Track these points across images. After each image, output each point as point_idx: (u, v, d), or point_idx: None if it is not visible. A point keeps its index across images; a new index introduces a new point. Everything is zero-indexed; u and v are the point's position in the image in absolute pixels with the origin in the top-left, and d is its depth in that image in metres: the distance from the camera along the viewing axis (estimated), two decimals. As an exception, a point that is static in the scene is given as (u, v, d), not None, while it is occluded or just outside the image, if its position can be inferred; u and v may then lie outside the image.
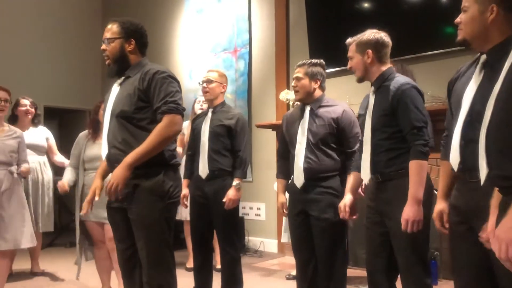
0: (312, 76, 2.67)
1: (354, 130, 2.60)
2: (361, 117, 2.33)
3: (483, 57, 1.72)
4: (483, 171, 1.38)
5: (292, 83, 2.71)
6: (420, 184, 2.06)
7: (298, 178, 2.63)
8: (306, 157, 2.60)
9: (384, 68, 2.24)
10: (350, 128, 2.60)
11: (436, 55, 4.19)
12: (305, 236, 2.66)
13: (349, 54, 2.30)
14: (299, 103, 2.83)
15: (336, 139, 2.61)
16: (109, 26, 2.29)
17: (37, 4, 6.89)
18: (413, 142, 2.08)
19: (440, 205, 1.89)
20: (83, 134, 3.51)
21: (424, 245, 2.17)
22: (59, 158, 4.42)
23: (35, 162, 4.22)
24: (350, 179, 2.47)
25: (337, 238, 2.60)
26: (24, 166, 3.32)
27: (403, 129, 2.12)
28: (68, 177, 3.39)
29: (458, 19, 1.72)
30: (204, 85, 3.28)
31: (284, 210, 2.84)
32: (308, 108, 2.67)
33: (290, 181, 2.78)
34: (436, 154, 2.16)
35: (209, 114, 3.29)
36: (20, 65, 6.57)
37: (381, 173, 2.18)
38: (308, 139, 2.61)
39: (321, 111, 2.65)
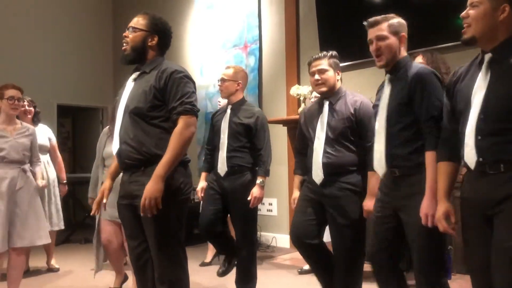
0: (336, 67, 2.61)
1: (372, 123, 2.46)
2: (375, 108, 2.24)
3: (488, 56, 1.71)
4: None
5: (315, 76, 2.60)
6: (434, 176, 1.97)
7: (317, 174, 2.57)
8: (325, 152, 2.54)
9: (403, 55, 2.15)
10: (368, 120, 2.51)
11: (448, 47, 4.14)
12: (307, 214, 2.61)
13: (380, 33, 2.11)
14: (315, 98, 2.77)
15: (355, 133, 2.54)
16: (138, 17, 2.29)
17: (49, 3, 6.95)
18: (429, 132, 1.98)
19: (444, 206, 1.85)
20: (105, 130, 3.55)
21: (440, 242, 2.10)
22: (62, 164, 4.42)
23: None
24: (373, 180, 2.37)
25: (355, 235, 2.55)
26: (41, 182, 3.40)
27: (419, 117, 2.02)
28: (92, 188, 3.51)
29: (465, 14, 1.70)
30: (219, 83, 3.30)
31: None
32: (327, 103, 2.62)
33: (308, 176, 2.70)
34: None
35: (228, 111, 3.28)
36: (33, 64, 6.64)
37: (399, 167, 2.10)
38: (327, 134, 2.56)
39: (340, 104, 2.59)
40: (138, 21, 2.27)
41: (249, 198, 3.11)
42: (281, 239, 5.41)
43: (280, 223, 5.45)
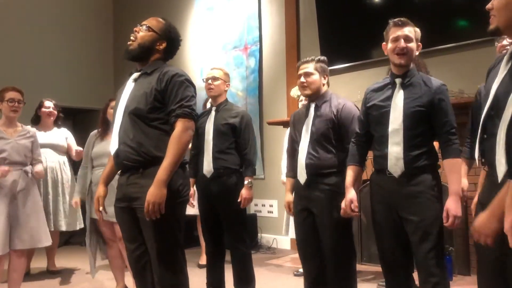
0: (322, 72, 2.67)
1: (353, 125, 2.54)
2: (381, 108, 2.28)
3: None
4: (501, 167, 1.34)
5: (301, 79, 2.67)
6: (461, 180, 2.18)
7: (301, 174, 2.63)
8: (308, 153, 2.60)
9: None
10: (349, 122, 2.57)
11: (449, 48, 4.15)
12: (309, 232, 2.65)
13: (409, 34, 2.22)
14: (305, 103, 2.82)
15: (336, 135, 2.59)
16: (155, 19, 2.31)
17: (49, 5, 6.96)
18: (452, 141, 2.17)
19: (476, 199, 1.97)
20: (93, 133, 3.58)
21: (441, 240, 2.19)
22: (77, 151, 4.40)
23: (55, 162, 4.29)
24: (350, 173, 2.40)
25: (341, 235, 2.57)
26: (37, 167, 3.35)
27: (442, 127, 2.18)
28: (78, 190, 3.56)
29: (489, 5, 1.65)
30: (209, 81, 3.29)
31: (290, 209, 2.83)
32: (313, 105, 2.68)
33: (295, 179, 2.76)
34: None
35: (213, 112, 3.29)
36: (34, 67, 6.64)
37: (409, 168, 2.19)
38: (311, 136, 2.61)
39: (324, 106, 2.64)
40: (154, 23, 2.29)
41: (239, 200, 3.12)
42: (281, 240, 5.41)
43: (281, 225, 5.42)
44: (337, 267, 2.58)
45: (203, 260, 4.47)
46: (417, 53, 2.25)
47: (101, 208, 2.32)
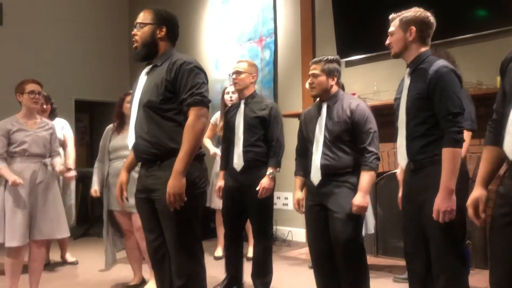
0: (329, 73, 2.64)
1: (367, 126, 2.57)
2: (397, 100, 2.28)
3: None
4: None
5: (308, 80, 2.69)
6: (453, 173, 1.99)
7: (316, 176, 2.62)
8: (323, 154, 2.59)
9: (423, 49, 2.18)
10: (363, 123, 2.57)
11: (467, 39, 4.08)
12: (321, 228, 2.64)
13: (390, 29, 2.22)
14: (317, 100, 2.81)
15: (351, 135, 2.60)
16: (143, 12, 2.31)
17: (65, 0, 7.02)
18: (447, 129, 2.01)
19: (478, 192, 1.79)
20: (109, 127, 3.62)
21: (459, 236, 2.10)
22: (70, 152, 4.33)
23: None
24: (365, 178, 2.52)
25: (353, 229, 2.57)
26: (57, 162, 3.39)
27: (438, 114, 2.04)
28: (96, 180, 3.55)
29: None
30: (234, 76, 3.30)
31: (300, 207, 2.84)
32: (325, 106, 2.66)
33: (308, 177, 2.74)
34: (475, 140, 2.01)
35: (242, 106, 3.30)
36: (51, 60, 6.73)
37: (414, 161, 2.14)
38: (325, 136, 2.61)
39: (337, 107, 2.63)
40: (144, 16, 2.29)
41: (257, 188, 3.12)
42: (296, 233, 5.41)
43: (296, 217, 5.45)
44: (350, 262, 2.58)
45: (219, 252, 4.51)
46: (410, 39, 2.16)
47: (125, 194, 2.34)
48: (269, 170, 3.17)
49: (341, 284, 2.64)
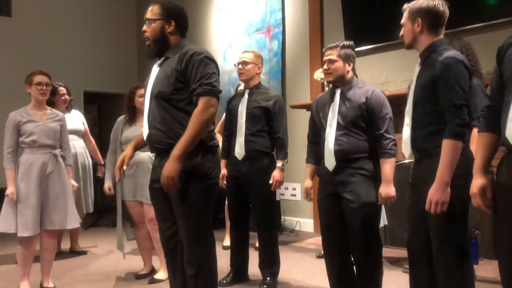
0: (346, 58, 2.62)
1: (383, 111, 2.54)
2: (408, 89, 2.26)
3: None
4: None
5: (324, 66, 2.66)
6: (450, 166, 1.96)
7: (329, 161, 2.60)
8: (336, 139, 2.57)
9: (435, 38, 2.13)
10: (379, 109, 2.54)
11: (477, 28, 4.04)
12: (335, 218, 2.62)
13: (402, 21, 2.20)
14: (330, 87, 2.79)
15: (366, 121, 2.57)
16: (151, 8, 2.31)
17: (73, -9, 7.04)
18: (449, 121, 1.98)
19: (482, 180, 1.78)
20: (120, 119, 3.63)
21: (460, 226, 2.07)
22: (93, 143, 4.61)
23: (81, 147, 4.42)
24: (387, 166, 2.48)
25: (369, 219, 2.55)
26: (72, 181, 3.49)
27: (441, 105, 2.02)
28: (109, 175, 3.56)
29: None
30: (240, 66, 3.30)
31: (308, 195, 2.83)
32: (338, 91, 2.64)
33: (320, 165, 2.74)
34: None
35: (246, 95, 3.31)
36: (60, 52, 6.76)
37: (418, 149, 2.12)
38: (338, 122, 2.58)
39: (351, 93, 2.60)
40: (152, 12, 2.30)
41: (270, 182, 3.15)
42: (304, 223, 5.43)
43: (304, 208, 5.47)
44: (364, 252, 2.56)
45: (227, 241, 4.54)
46: (418, 30, 2.13)
47: (125, 167, 2.35)
48: (279, 163, 3.19)
49: (355, 275, 2.63)
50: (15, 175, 3.20)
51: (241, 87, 4.28)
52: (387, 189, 2.49)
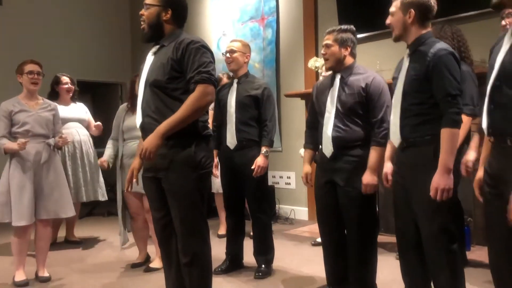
0: (342, 43, 2.60)
1: (381, 99, 2.53)
2: (394, 80, 2.28)
3: None
4: None
5: (322, 51, 2.65)
6: (451, 153, 2.01)
7: (327, 147, 2.60)
8: (335, 126, 2.57)
9: (423, 31, 2.17)
10: (377, 96, 2.53)
11: (471, 16, 4.04)
12: (331, 205, 2.65)
13: (391, 9, 2.20)
14: (329, 73, 2.77)
15: (364, 108, 2.56)
16: None
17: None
18: (446, 110, 2.03)
19: (481, 172, 1.88)
20: (122, 106, 3.62)
21: (447, 212, 2.12)
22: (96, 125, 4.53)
23: (85, 135, 4.40)
24: (388, 147, 2.44)
25: (365, 206, 2.57)
26: (59, 137, 3.39)
27: (437, 96, 2.06)
28: (108, 153, 3.55)
29: None
30: (228, 55, 3.29)
31: (308, 181, 2.83)
32: (338, 77, 2.62)
33: (318, 151, 2.75)
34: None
35: (234, 85, 3.31)
36: (53, 41, 6.68)
37: (406, 138, 2.16)
38: (337, 108, 2.57)
39: (351, 79, 2.58)
40: None
41: (252, 167, 3.15)
42: (299, 211, 5.46)
43: (299, 196, 5.50)
44: (360, 239, 2.58)
45: (222, 230, 4.57)
46: (409, 22, 2.15)
47: (134, 180, 2.34)
48: (264, 149, 3.19)
49: (349, 261, 2.65)
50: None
51: (225, 78, 4.28)
52: (369, 177, 2.50)
